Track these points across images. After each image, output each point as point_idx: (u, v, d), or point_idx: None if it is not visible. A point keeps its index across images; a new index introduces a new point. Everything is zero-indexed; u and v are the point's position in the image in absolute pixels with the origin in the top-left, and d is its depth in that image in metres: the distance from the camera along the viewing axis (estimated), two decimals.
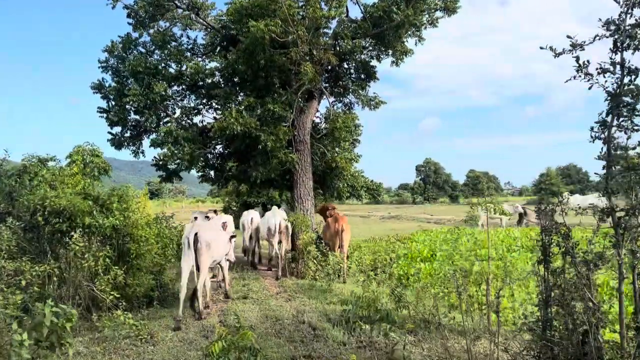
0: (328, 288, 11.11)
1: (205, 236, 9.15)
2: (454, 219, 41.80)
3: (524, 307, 7.50)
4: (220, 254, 10.00)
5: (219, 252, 9.78)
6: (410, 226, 35.00)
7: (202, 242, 9.04)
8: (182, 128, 14.27)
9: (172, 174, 16.01)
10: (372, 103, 14.99)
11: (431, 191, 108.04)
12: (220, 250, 9.89)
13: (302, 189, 14.16)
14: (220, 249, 9.83)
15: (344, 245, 12.82)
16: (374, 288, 7.70)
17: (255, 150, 13.71)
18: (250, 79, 13.72)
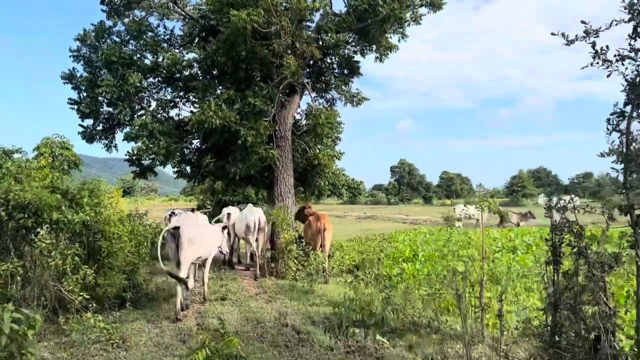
0: (310, 289, 10.69)
1: (188, 231, 8.78)
2: (429, 220, 41.90)
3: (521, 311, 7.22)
4: (206, 251, 9.55)
5: (203, 249, 9.35)
6: (387, 226, 34.85)
7: (184, 236, 8.66)
8: (157, 121, 13.66)
9: (147, 169, 15.38)
10: (355, 99, 14.62)
11: (405, 192, 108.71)
12: (206, 247, 9.47)
13: (283, 186, 13.70)
14: (205, 245, 9.41)
15: (325, 244, 12.41)
16: (362, 289, 7.31)
17: (235, 146, 13.19)
18: (230, 71, 13.19)
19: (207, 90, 13.20)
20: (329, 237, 12.74)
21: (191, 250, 8.86)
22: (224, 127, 12.40)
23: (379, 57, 14.16)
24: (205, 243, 9.45)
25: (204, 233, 9.57)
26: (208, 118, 11.91)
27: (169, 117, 14.58)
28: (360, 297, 6.53)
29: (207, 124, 11.98)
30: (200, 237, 9.18)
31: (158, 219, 15.87)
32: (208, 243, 9.63)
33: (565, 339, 4.46)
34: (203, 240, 9.30)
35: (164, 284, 11.22)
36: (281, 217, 12.54)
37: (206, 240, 9.51)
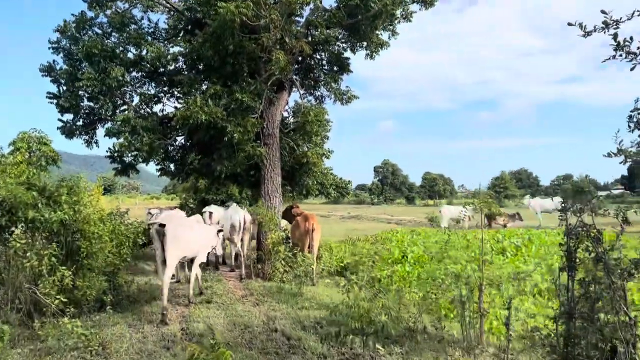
0: (298, 291, 10.35)
1: (173, 229, 8.59)
2: (414, 220, 41.82)
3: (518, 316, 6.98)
4: (194, 250, 9.28)
5: (190, 247, 9.11)
6: (372, 226, 34.62)
7: (168, 235, 8.49)
8: (140, 117, 13.15)
9: (129, 166, 14.87)
10: (345, 97, 14.27)
11: (388, 192, 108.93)
12: (194, 245, 9.22)
13: (270, 185, 13.31)
14: (193, 244, 9.18)
15: (314, 245, 12.08)
16: (357, 294, 6.98)
17: (221, 143, 12.77)
18: (216, 66, 12.75)
19: (192, 85, 12.75)
20: (318, 238, 12.40)
21: (177, 250, 8.65)
22: (210, 123, 11.98)
23: (369, 53, 13.85)
24: (193, 242, 9.20)
25: (191, 232, 9.31)
26: (193, 113, 11.47)
27: (152, 113, 14.07)
28: (359, 304, 6.19)
29: (192, 119, 11.54)
30: (187, 235, 8.95)
31: (140, 218, 15.39)
32: (197, 242, 9.34)
33: (580, 349, 4.19)
34: (191, 239, 9.06)
35: (147, 285, 10.79)
36: (268, 217, 12.17)
37: (194, 240, 9.25)
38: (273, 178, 13.32)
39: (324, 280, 12.04)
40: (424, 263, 11.70)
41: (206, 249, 9.98)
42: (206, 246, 9.86)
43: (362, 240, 14.01)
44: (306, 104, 14.38)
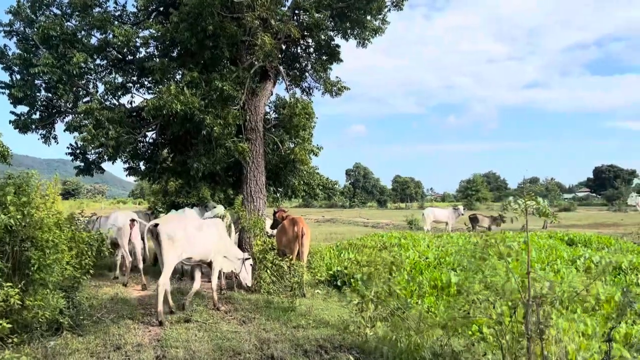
0: (290, 305, 9.02)
1: (166, 228, 8.22)
2: (392, 223, 40.99)
3: None
4: (198, 252, 8.71)
5: (192, 248, 8.55)
6: (349, 230, 33.52)
7: (162, 234, 8.16)
8: (105, 108, 11.57)
9: (92, 165, 13.26)
10: (335, 88, 13.00)
11: (360, 195, 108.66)
12: (197, 246, 8.65)
13: (254, 185, 11.93)
14: (196, 244, 8.61)
15: (303, 252, 10.78)
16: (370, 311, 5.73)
17: (197, 137, 11.37)
18: (194, 50, 11.30)
19: (165, 73, 11.19)
20: (308, 243, 11.12)
21: (174, 249, 8.24)
22: (186, 115, 10.56)
23: (361, 41, 12.60)
24: (196, 241, 8.64)
25: (191, 230, 8.66)
26: (167, 103, 10.00)
27: (119, 104, 12.50)
28: (405, 338, 4.90)
29: (165, 110, 10.06)
30: (183, 234, 8.41)
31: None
32: (199, 241, 8.73)
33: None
34: (189, 238, 8.51)
35: (113, 301, 9.31)
36: (253, 221, 10.80)
37: (198, 238, 8.70)
38: (257, 177, 11.94)
39: (312, 290, 10.77)
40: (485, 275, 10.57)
41: (222, 251, 9.22)
42: (219, 250, 9.15)
43: (369, 247, 12.71)
44: (293, 94, 13.00)
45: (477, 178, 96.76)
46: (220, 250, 9.21)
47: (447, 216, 27.55)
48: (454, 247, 15.74)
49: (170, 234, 8.20)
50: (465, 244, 16.98)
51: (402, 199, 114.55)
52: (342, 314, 8.79)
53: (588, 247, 17.82)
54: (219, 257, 9.23)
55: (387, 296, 5.94)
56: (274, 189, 14.42)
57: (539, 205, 5.89)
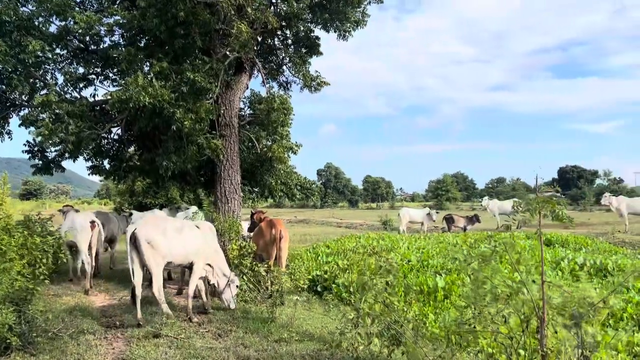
0: (270, 316, 8.28)
1: (144, 233, 7.79)
2: (366, 223, 40.48)
3: None
4: (178, 255, 8.22)
5: (172, 252, 8.08)
6: (324, 230, 32.92)
7: (141, 240, 7.75)
8: (65, 101, 10.57)
9: (52, 163, 12.21)
10: (314, 83, 12.28)
11: (332, 195, 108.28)
12: (177, 250, 8.16)
13: (228, 185, 11.12)
14: (176, 247, 8.15)
15: (282, 256, 10.07)
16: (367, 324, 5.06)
17: (167, 134, 10.50)
18: (163, 39, 10.42)
19: (132, 62, 10.25)
20: (286, 247, 10.40)
21: (155, 254, 7.83)
22: (154, 109, 9.68)
23: (342, 34, 11.92)
24: (175, 244, 8.17)
25: (171, 233, 8.20)
26: (133, 96, 9.10)
27: (81, 97, 11.46)
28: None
29: (132, 103, 9.17)
30: (162, 237, 7.99)
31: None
32: (179, 244, 8.25)
33: None
34: (170, 242, 8.07)
35: (72, 314, 8.40)
36: (228, 224, 10.00)
37: (178, 241, 8.23)
38: (231, 177, 11.14)
39: (291, 297, 10.01)
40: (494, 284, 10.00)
41: (204, 256, 8.61)
42: (204, 252, 8.60)
43: (357, 252, 11.98)
44: (270, 89, 12.22)
45: (446, 178, 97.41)
46: (203, 255, 8.61)
47: (421, 217, 27.20)
48: (435, 249, 15.26)
49: (149, 238, 7.77)
50: (445, 245, 16.50)
51: (373, 199, 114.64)
52: (327, 324, 8.13)
53: (566, 247, 17.55)
54: (200, 262, 8.61)
55: (384, 309, 5.29)
56: (250, 189, 13.63)
57: (554, 208, 5.31)
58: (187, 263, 8.58)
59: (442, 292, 10.18)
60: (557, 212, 5.14)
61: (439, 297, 10.02)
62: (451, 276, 11.17)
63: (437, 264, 12.68)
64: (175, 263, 8.44)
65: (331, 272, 11.29)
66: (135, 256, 7.90)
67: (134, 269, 7.93)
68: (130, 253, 7.89)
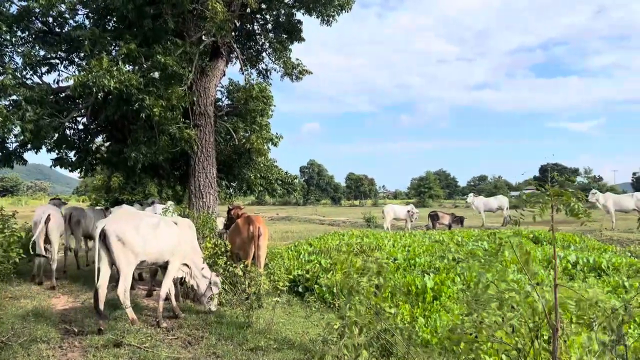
0: (246, 320, 7.56)
1: (115, 228, 7.08)
2: (349, 221, 39.89)
3: None
4: (152, 253, 7.51)
5: (145, 250, 7.36)
6: (307, 228, 32.20)
7: (110, 236, 7.04)
8: (23, 85, 9.67)
9: (12, 154, 11.29)
10: (295, 71, 11.54)
11: (314, 192, 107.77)
12: (151, 248, 7.46)
13: (202, 178, 10.34)
14: (150, 245, 7.44)
15: (260, 255, 9.33)
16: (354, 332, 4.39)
17: (137, 123, 9.70)
18: (132, 20, 9.59)
19: (97, 44, 9.39)
20: (265, 245, 9.66)
21: (126, 252, 7.10)
22: (121, 95, 8.86)
23: (325, 18, 11.19)
24: (149, 240, 7.45)
25: (144, 229, 7.47)
26: (97, 79, 8.28)
27: (43, 83, 10.52)
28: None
29: (95, 87, 8.33)
30: (135, 234, 7.27)
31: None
32: (154, 241, 7.54)
33: None
34: (143, 238, 7.35)
35: (29, 318, 7.59)
36: (202, 220, 9.23)
37: (152, 239, 7.49)
38: (206, 169, 10.37)
39: (270, 298, 9.26)
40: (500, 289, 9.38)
41: (181, 255, 7.96)
42: (180, 250, 7.95)
43: (341, 250, 11.25)
44: (248, 76, 11.41)
45: (429, 175, 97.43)
46: (180, 254, 7.95)
47: (405, 214, 26.69)
48: (421, 247, 14.67)
49: (120, 235, 7.07)
50: (431, 243, 15.91)
51: (356, 197, 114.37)
52: (308, 329, 7.44)
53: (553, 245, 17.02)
54: (176, 261, 7.93)
55: (373, 316, 4.62)
56: (227, 183, 12.85)
57: (569, 201, 4.66)
58: (161, 262, 7.87)
59: (432, 293, 9.54)
60: (572, 206, 4.48)
61: (427, 298, 9.37)
62: (440, 276, 10.54)
63: (424, 263, 12.08)
64: (149, 262, 7.70)
65: (313, 272, 10.60)
66: (104, 254, 7.16)
67: (101, 267, 7.14)
68: (99, 251, 7.16)
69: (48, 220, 9.64)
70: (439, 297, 9.35)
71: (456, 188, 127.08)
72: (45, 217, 9.62)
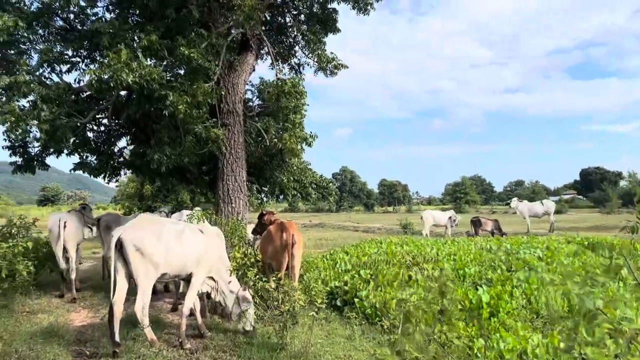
0: (279, 342, 6.63)
1: (133, 237, 6.28)
2: (383, 227, 38.71)
3: None
4: (175, 265, 6.68)
5: (167, 261, 6.54)
6: (341, 235, 31.25)
7: (128, 245, 6.25)
8: (40, 84, 9.02)
9: (33, 160, 10.70)
10: (330, 66, 10.63)
11: (347, 199, 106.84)
12: (174, 259, 6.63)
13: (231, 182, 9.50)
14: (173, 256, 6.61)
15: (295, 266, 8.40)
16: None
17: (160, 122, 8.95)
18: (153, 9, 8.84)
19: (116, 36, 8.68)
20: (299, 254, 8.72)
21: (145, 263, 6.28)
22: (142, 92, 8.11)
23: (363, 7, 10.25)
24: (174, 251, 6.65)
25: (167, 238, 6.65)
26: (115, 74, 7.54)
27: (61, 82, 9.82)
28: None
29: (113, 82, 7.58)
30: (156, 243, 6.46)
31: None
32: (179, 251, 6.73)
33: None
34: (166, 249, 6.55)
35: (41, 336, 6.87)
36: (230, 227, 8.37)
37: (178, 248, 6.71)
38: (235, 172, 9.52)
39: (306, 314, 8.30)
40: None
41: (207, 266, 7.12)
42: (206, 262, 7.11)
43: (387, 262, 10.12)
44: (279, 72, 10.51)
45: (465, 181, 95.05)
46: (205, 266, 7.13)
47: (446, 220, 25.40)
48: (468, 256, 13.48)
49: (138, 244, 6.28)
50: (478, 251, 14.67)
51: (389, 203, 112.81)
52: (350, 353, 6.47)
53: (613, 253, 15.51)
54: (201, 274, 7.08)
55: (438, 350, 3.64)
56: (258, 187, 12.00)
57: None
58: (184, 275, 7.01)
59: (488, 309, 8.41)
60: None
61: (484, 314, 8.23)
62: (495, 288, 9.38)
63: (474, 273, 10.93)
64: (171, 274, 6.86)
65: (352, 284, 9.62)
66: (120, 266, 6.37)
67: (118, 281, 6.34)
68: (115, 262, 6.35)
69: (64, 227, 8.98)
70: (497, 314, 8.23)
71: (492, 193, 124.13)
72: (61, 225, 8.96)
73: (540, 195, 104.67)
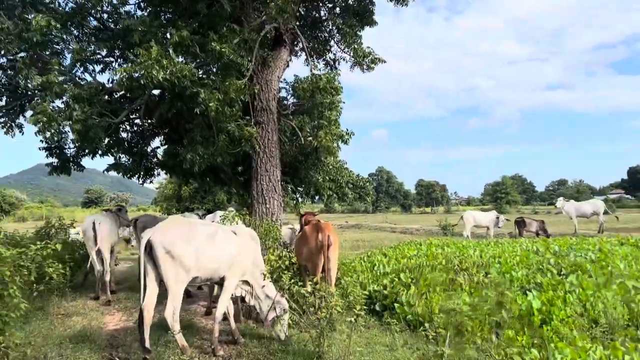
0: (316, 350, 6.24)
1: (162, 239, 6.01)
2: (422, 228, 37.92)
3: None
4: (207, 269, 6.38)
5: (199, 265, 6.25)
6: (378, 236, 30.71)
7: (157, 247, 5.97)
8: (72, 82, 8.92)
9: (69, 161, 10.67)
10: (367, 60, 10.21)
11: (384, 200, 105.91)
12: (206, 262, 6.33)
13: (265, 182, 9.20)
14: (205, 259, 6.31)
15: (331, 268, 8.01)
16: None
17: (192, 121, 8.72)
18: (184, 5, 8.65)
19: (147, 33, 8.50)
20: (335, 256, 8.31)
21: (175, 266, 6.01)
22: (174, 90, 7.89)
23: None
24: (205, 254, 6.34)
25: (197, 240, 6.33)
26: (146, 71, 7.33)
27: (94, 81, 9.70)
28: None
29: (144, 80, 7.37)
30: (186, 245, 6.15)
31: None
32: (212, 254, 6.44)
33: None
34: (197, 251, 6.24)
35: (72, 341, 6.69)
36: (264, 229, 8.04)
37: (207, 252, 6.38)
38: (270, 172, 9.21)
39: (342, 318, 7.89)
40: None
41: (240, 270, 6.84)
42: (239, 265, 6.79)
43: (431, 266, 9.59)
44: (314, 67, 10.15)
45: (506, 180, 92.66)
46: (239, 270, 6.82)
47: (488, 221, 24.49)
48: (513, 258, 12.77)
49: (168, 246, 6.00)
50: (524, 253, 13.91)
51: (427, 204, 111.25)
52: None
53: None
54: (234, 277, 6.77)
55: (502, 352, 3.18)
56: (293, 187, 11.66)
57: None
58: (217, 278, 6.71)
59: (539, 316, 7.78)
60: None
61: (535, 321, 7.61)
62: (546, 294, 8.71)
63: (521, 277, 10.26)
64: (203, 278, 6.54)
65: (392, 288, 9.15)
66: (150, 269, 6.09)
67: (148, 285, 6.08)
68: (145, 265, 6.09)
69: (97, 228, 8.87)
70: (549, 322, 7.61)
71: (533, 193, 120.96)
72: (93, 226, 8.85)
73: (585, 194, 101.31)
